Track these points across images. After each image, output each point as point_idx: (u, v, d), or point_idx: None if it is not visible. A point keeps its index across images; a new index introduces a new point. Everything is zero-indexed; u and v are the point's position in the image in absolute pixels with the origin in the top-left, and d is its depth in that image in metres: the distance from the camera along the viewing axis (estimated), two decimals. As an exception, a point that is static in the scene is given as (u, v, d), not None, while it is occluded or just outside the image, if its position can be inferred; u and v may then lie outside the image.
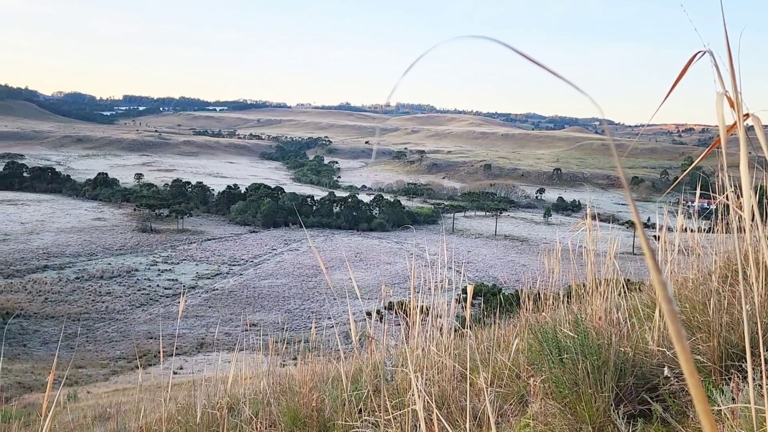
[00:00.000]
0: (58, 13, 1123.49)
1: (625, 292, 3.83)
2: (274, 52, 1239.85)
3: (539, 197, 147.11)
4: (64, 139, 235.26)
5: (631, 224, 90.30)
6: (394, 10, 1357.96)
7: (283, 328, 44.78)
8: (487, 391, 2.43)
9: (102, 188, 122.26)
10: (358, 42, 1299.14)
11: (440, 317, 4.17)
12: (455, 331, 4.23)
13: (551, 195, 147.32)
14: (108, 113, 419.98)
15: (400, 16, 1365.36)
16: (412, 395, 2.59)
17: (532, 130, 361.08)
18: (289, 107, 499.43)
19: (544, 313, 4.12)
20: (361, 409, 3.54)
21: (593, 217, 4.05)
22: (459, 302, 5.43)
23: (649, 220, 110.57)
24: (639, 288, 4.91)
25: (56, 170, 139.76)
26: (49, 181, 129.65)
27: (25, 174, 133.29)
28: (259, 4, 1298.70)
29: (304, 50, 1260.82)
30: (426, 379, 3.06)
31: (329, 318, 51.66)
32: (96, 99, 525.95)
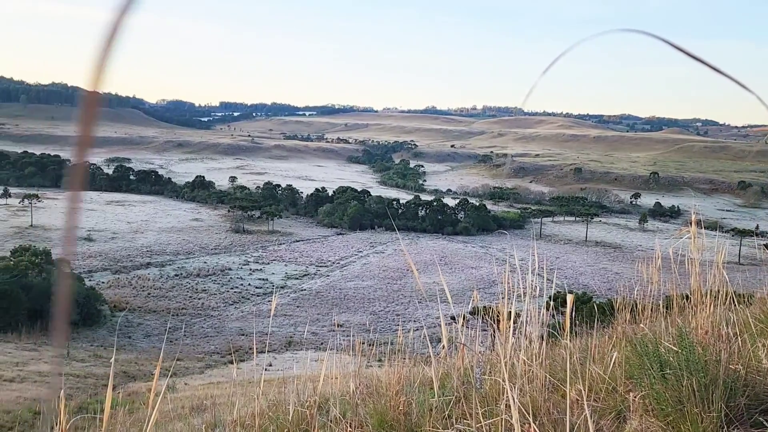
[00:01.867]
0: (161, 26, 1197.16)
1: (734, 304, 3.57)
2: (361, 58, 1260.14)
3: (634, 202, 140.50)
4: (166, 144, 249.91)
5: (737, 232, 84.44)
6: (478, 14, 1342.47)
7: (369, 330, 45.30)
8: (584, 404, 2.33)
9: (199, 190, 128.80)
10: (443, 46, 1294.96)
11: (529, 324, 4.06)
12: (545, 340, 4.10)
13: (647, 200, 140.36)
14: (206, 119, 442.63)
15: (484, 19, 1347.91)
16: (504, 405, 2.53)
17: (627, 131, 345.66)
18: (376, 111, 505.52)
19: (642, 325, 3.91)
20: (448, 416, 3.51)
21: (697, 224, 3.81)
22: (548, 310, 5.27)
23: (758, 227, 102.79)
24: (748, 301, 4.58)
25: (159, 173, 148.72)
26: (153, 184, 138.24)
27: (131, 177, 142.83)
28: (345, 13, 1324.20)
29: (390, 55, 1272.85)
30: (516, 389, 2.98)
31: (414, 321, 51.72)
32: (195, 106, 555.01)
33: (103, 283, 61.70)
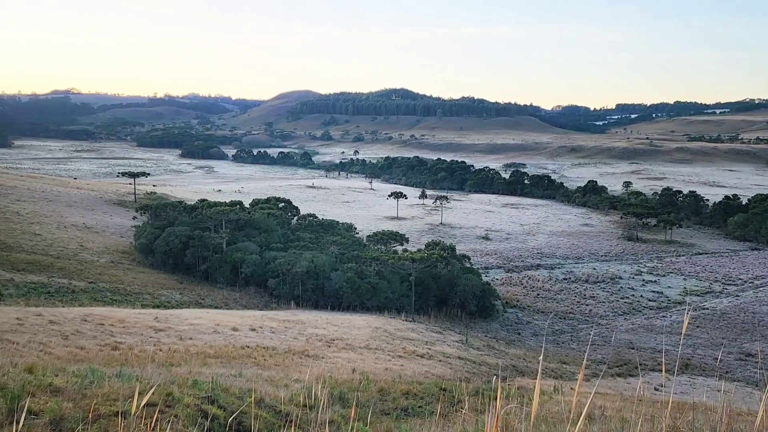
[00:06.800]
0: (549, 34, 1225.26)
1: None
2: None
3: None
4: (560, 149, 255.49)
5: None
6: None
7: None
8: None
9: (591, 195, 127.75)
10: None
11: None
12: None
13: None
14: (600, 123, 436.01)
15: None
16: None
17: None
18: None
19: None
20: None
21: None
22: None
23: None
24: None
25: (551, 178, 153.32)
26: (545, 188, 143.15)
27: (525, 181, 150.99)
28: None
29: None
30: None
31: None
32: (590, 110, 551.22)
33: (497, 279, 66.51)
